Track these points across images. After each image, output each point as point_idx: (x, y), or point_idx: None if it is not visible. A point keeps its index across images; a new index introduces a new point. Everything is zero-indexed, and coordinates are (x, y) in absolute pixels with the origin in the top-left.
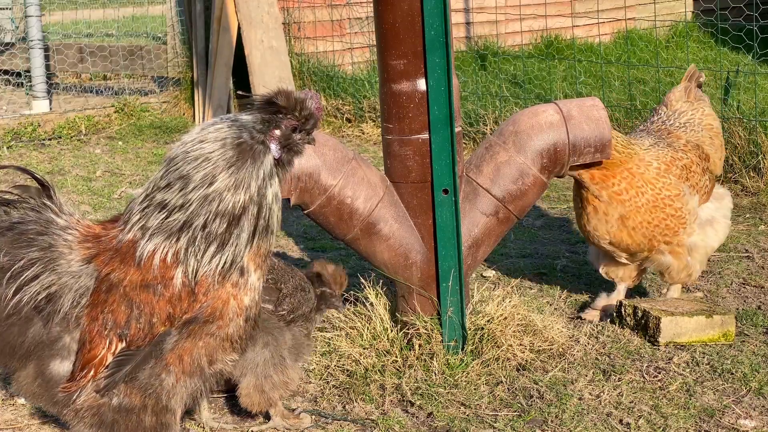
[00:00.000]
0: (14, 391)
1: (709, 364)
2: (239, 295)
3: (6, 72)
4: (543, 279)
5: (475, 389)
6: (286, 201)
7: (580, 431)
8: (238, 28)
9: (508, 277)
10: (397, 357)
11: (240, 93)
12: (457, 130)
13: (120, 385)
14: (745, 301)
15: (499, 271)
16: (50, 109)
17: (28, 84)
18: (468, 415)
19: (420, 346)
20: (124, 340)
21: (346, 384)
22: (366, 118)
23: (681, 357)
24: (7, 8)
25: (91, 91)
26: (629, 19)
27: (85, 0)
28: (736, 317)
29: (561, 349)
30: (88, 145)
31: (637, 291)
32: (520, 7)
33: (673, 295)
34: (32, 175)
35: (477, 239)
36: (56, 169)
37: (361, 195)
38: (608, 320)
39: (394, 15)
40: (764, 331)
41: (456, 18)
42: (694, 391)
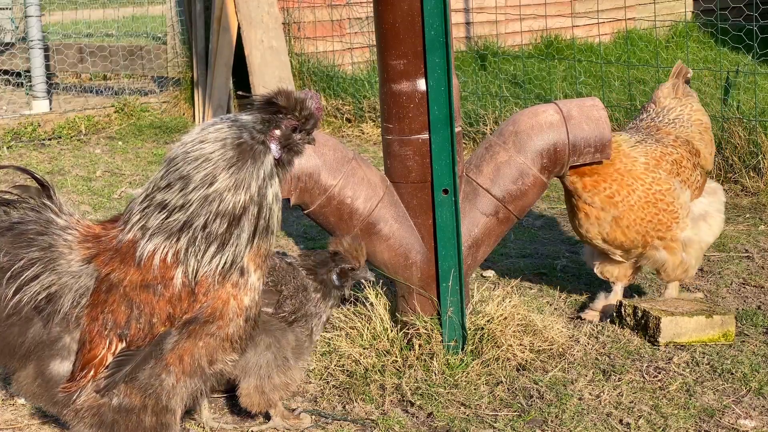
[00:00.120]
0: (14, 391)
1: (709, 364)
2: (239, 295)
3: (6, 72)
4: (543, 279)
5: (475, 389)
6: (286, 201)
7: (580, 431)
8: (238, 28)
9: (508, 277)
10: (397, 357)
11: (240, 93)
12: (457, 130)
13: (120, 386)
14: (745, 301)
15: (499, 271)
16: (50, 109)
17: (28, 84)
18: (468, 415)
19: (420, 346)
20: (124, 340)
21: (346, 384)
22: (366, 118)
23: (681, 357)
24: (7, 8)
25: (91, 91)
26: (629, 19)
27: (85, 0)
28: (736, 317)
29: (561, 349)
30: (88, 145)
31: (636, 291)
32: (520, 7)
33: (671, 293)
34: (32, 175)
35: (477, 239)
36: (56, 169)
37: (361, 195)
38: (608, 320)
39: (394, 15)
40: (764, 331)
41: (456, 18)
42: (694, 391)
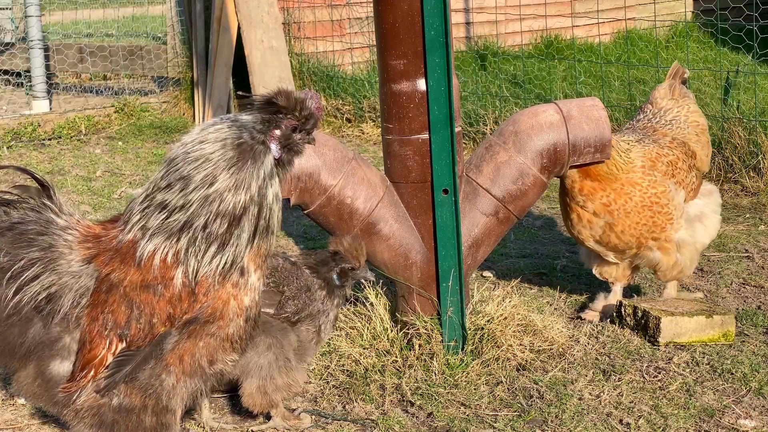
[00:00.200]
0: (14, 392)
1: (709, 364)
2: (239, 295)
3: (6, 72)
4: (543, 279)
5: (475, 389)
6: (286, 201)
7: (580, 431)
8: (238, 28)
9: (508, 277)
10: (397, 357)
11: (240, 93)
12: (457, 130)
13: (120, 386)
14: (745, 301)
15: (499, 271)
16: (50, 109)
17: (28, 84)
18: (468, 415)
19: (420, 346)
20: (124, 341)
21: (346, 384)
22: (366, 118)
23: (681, 357)
24: (7, 8)
25: (91, 91)
26: (629, 19)
27: (85, 0)
28: (736, 317)
29: (561, 349)
30: (88, 145)
31: (636, 291)
32: (520, 7)
33: (669, 292)
34: (32, 176)
35: (477, 239)
36: (56, 169)
37: (361, 195)
38: (608, 320)
39: (394, 15)
40: (764, 331)
41: (456, 18)
42: (694, 391)
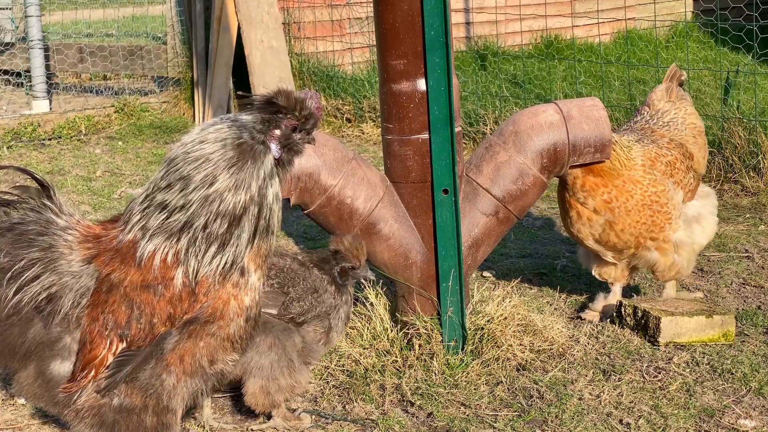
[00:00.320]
0: (15, 392)
1: (709, 364)
2: (240, 295)
3: (6, 72)
4: (543, 279)
5: (475, 389)
6: (286, 201)
7: (580, 431)
8: (238, 28)
9: (508, 277)
10: (397, 357)
11: (240, 93)
12: (457, 130)
13: (121, 386)
14: (745, 301)
15: (499, 271)
16: (50, 109)
17: (28, 84)
18: (468, 415)
19: (420, 346)
20: (124, 341)
21: (346, 384)
22: (366, 118)
23: (681, 357)
24: (7, 8)
25: (91, 91)
26: (629, 19)
27: (85, 0)
28: (736, 317)
29: (561, 349)
30: (88, 145)
31: (636, 291)
32: (520, 7)
33: (669, 293)
34: (32, 176)
35: (477, 239)
36: (56, 169)
37: (361, 195)
38: (608, 320)
39: (394, 15)
40: (764, 331)
41: (456, 18)
42: (694, 391)
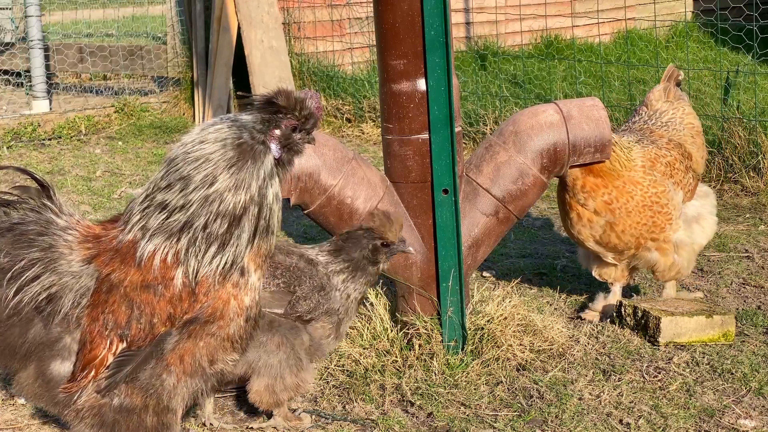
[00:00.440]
0: (15, 392)
1: (709, 364)
2: (240, 295)
3: (6, 72)
4: (543, 279)
5: (475, 389)
6: (286, 201)
7: (580, 431)
8: (238, 28)
9: (508, 277)
10: (397, 357)
11: (240, 93)
12: (457, 130)
13: (121, 386)
14: (745, 301)
15: (499, 271)
16: (50, 109)
17: (28, 84)
18: (468, 415)
19: (420, 346)
20: (124, 341)
21: (346, 384)
22: (366, 118)
23: (681, 357)
24: (7, 8)
25: (91, 91)
26: (629, 19)
27: (85, 0)
28: (736, 317)
29: (561, 349)
30: (88, 145)
31: (636, 291)
32: (520, 7)
33: (669, 293)
34: (32, 176)
35: (477, 239)
36: (56, 169)
37: (361, 195)
38: (608, 320)
39: (394, 15)
40: (764, 331)
41: (456, 18)
42: (694, 391)
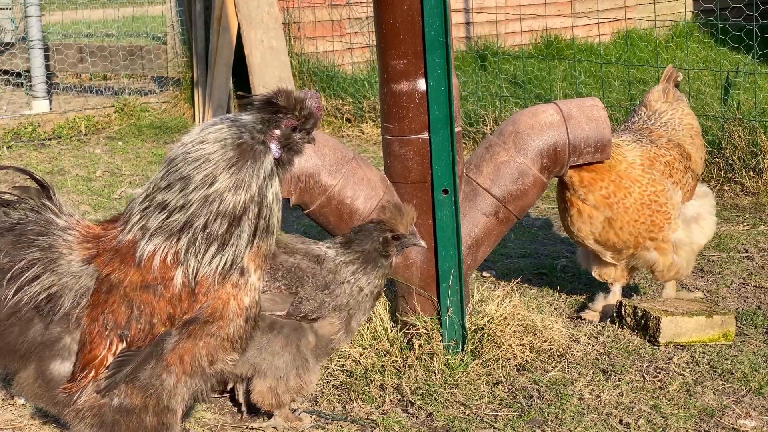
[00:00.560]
0: (15, 392)
1: (709, 364)
2: (239, 295)
3: (6, 72)
4: (543, 279)
5: (475, 389)
6: (286, 201)
7: (580, 431)
8: (238, 28)
9: (508, 277)
10: (397, 357)
11: (240, 93)
12: (457, 130)
13: (121, 386)
14: (745, 301)
15: (499, 271)
16: (50, 109)
17: (28, 84)
18: (468, 415)
19: (420, 346)
20: (124, 341)
21: (346, 384)
22: (366, 118)
23: (681, 357)
24: (7, 8)
25: (91, 91)
26: (629, 19)
27: (85, 0)
28: (736, 317)
29: (561, 349)
30: (88, 145)
31: (636, 291)
32: (520, 7)
33: (668, 292)
34: (31, 176)
35: (477, 239)
36: (56, 169)
37: (361, 195)
38: (608, 320)
39: (394, 15)
40: (764, 331)
41: (456, 18)
42: (694, 391)
